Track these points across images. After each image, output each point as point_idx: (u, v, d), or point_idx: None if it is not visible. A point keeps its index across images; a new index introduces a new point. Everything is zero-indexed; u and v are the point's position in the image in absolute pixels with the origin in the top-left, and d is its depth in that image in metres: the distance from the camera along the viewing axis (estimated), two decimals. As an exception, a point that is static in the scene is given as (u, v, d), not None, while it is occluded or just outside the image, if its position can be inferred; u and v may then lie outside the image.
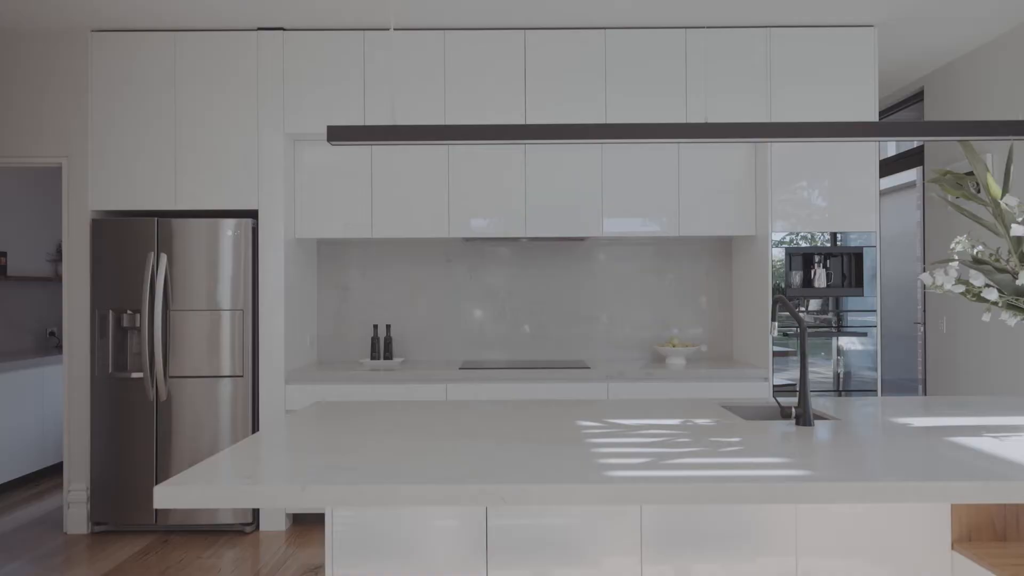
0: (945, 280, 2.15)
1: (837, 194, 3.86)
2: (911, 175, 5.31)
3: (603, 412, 2.39)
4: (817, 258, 3.90)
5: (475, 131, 2.11)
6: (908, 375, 5.58)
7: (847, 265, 3.92)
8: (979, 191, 2.32)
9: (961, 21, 3.83)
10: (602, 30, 3.87)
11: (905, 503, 1.84)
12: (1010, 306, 2.10)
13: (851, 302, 3.94)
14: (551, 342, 4.44)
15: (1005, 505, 1.85)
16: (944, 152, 4.51)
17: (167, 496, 1.50)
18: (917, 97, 4.86)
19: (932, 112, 4.66)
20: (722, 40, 3.87)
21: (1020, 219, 2.06)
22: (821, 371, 3.92)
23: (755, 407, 2.54)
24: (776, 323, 2.44)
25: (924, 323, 4.83)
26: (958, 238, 2.24)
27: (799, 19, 3.79)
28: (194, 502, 1.50)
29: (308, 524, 3.94)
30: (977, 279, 2.10)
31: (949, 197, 3.33)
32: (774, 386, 3.77)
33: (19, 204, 5.43)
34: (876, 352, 3.90)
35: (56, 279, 5.71)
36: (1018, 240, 2.07)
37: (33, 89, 3.89)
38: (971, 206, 3.41)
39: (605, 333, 4.45)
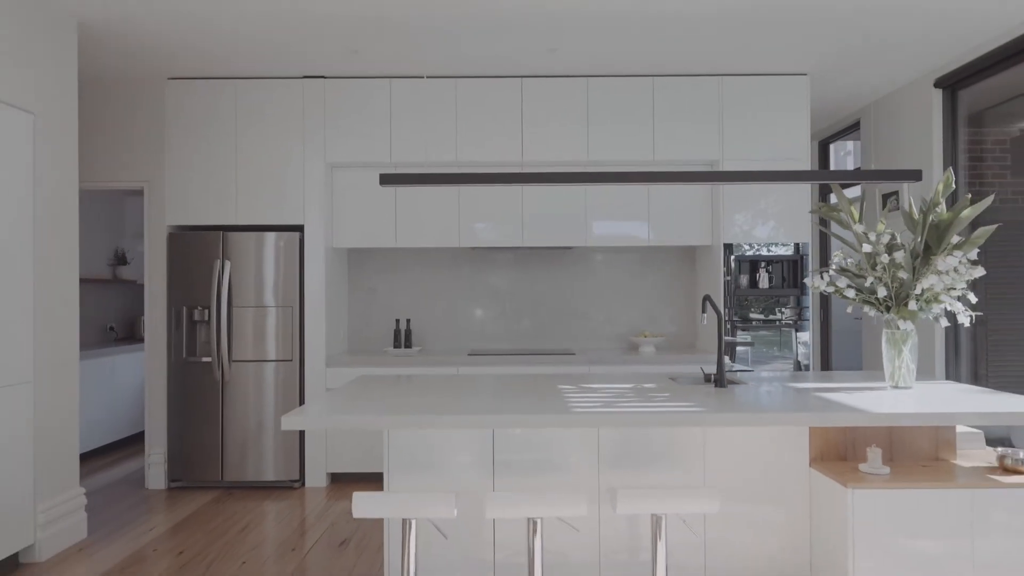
0: (820, 283, 3.01)
1: (777, 211, 4.71)
2: (856, 191, 6.15)
3: (578, 381, 3.24)
4: (762, 264, 4.76)
5: (485, 177, 2.96)
6: (856, 363, 6.42)
7: (786, 270, 4.77)
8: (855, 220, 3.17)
9: (873, 73, 4.69)
10: (585, 77, 4.73)
11: (778, 432, 2.69)
12: (864, 301, 2.95)
13: (805, 300, 4.78)
14: (545, 334, 5.30)
15: (844, 434, 2.71)
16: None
17: (291, 422, 2.34)
18: (856, 125, 5.72)
19: (867, 138, 5.51)
20: (682, 85, 4.72)
21: (870, 240, 2.91)
22: (784, 355, 4.78)
23: (692, 377, 3.39)
24: (706, 315, 3.27)
25: (862, 317, 5.68)
26: (835, 252, 3.11)
27: (746, 69, 4.65)
28: (310, 425, 2.34)
29: (343, 482, 4.79)
30: (841, 282, 2.96)
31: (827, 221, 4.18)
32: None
33: (83, 217, 6.28)
34: (809, 341, 4.76)
35: (114, 281, 6.58)
36: (868, 255, 2.92)
37: (120, 126, 4.75)
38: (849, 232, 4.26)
39: (590, 326, 5.31)
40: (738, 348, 4.77)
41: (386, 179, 2.89)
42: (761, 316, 4.80)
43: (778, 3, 3.58)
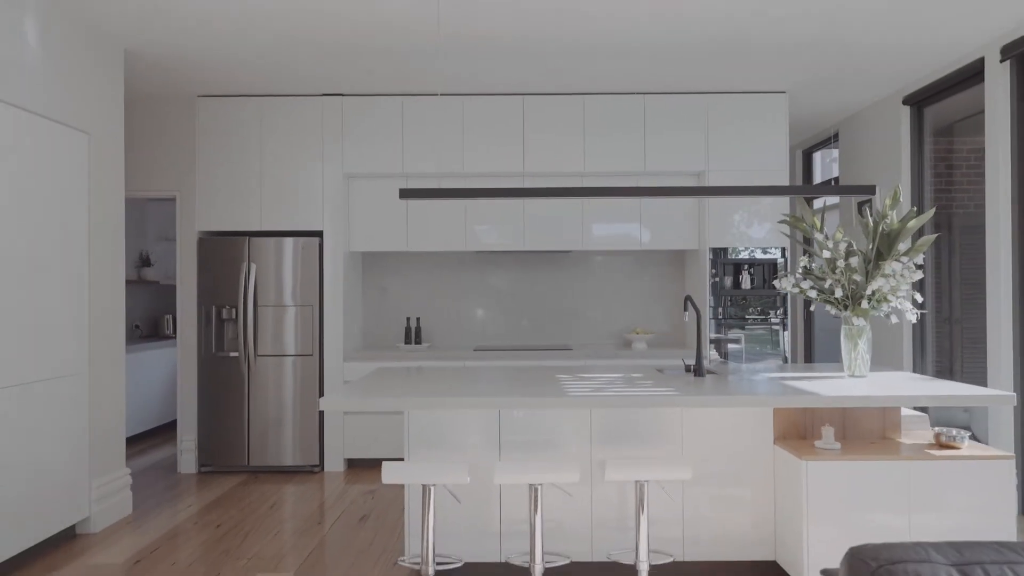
0: (787, 284, 3.41)
1: (759, 218, 5.11)
2: (834, 199, 6.55)
3: (573, 371, 3.65)
4: (745, 266, 5.17)
5: (493, 191, 3.37)
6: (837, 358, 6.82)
7: (767, 272, 5.18)
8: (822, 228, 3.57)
9: (846, 91, 5.10)
10: (581, 95, 5.14)
11: (747, 413, 3.10)
12: (825, 301, 3.36)
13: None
14: (544, 331, 5.71)
15: (803, 415, 3.11)
16: (859, 181, 5.77)
17: (329, 403, 2.75)
18: (836, 137, 6.13)
19: (845, 149, 5.92)
20: (671, 102, 5.12)
21: (828, 247, 3.31)
22: (775, 352, 5.19)
23: (676, 367, 3.80)
24: (688, 313, 3.67)
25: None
26: (802, 257, 3.52)
27: (729, 88, 5.05)
28: (348, 406, 2.75)
29: (359, 467, 5.20)
30: (805, 283, 3.36)
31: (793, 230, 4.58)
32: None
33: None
34: (783, 335, 5.17)
35: (139, 281, 6.98)
36: (828, 260, 3.32)
37: (153, 139, 5.16)
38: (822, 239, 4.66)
39: (586, 324, 5.72)
40: (730, 345, 5.18)
41: (405, 193, 3.30)
42: (758, 316, 5.19)
43: (757, 35, 3.98)
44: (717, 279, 5.14)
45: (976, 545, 1.36)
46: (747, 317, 5.21)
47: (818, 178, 6.93)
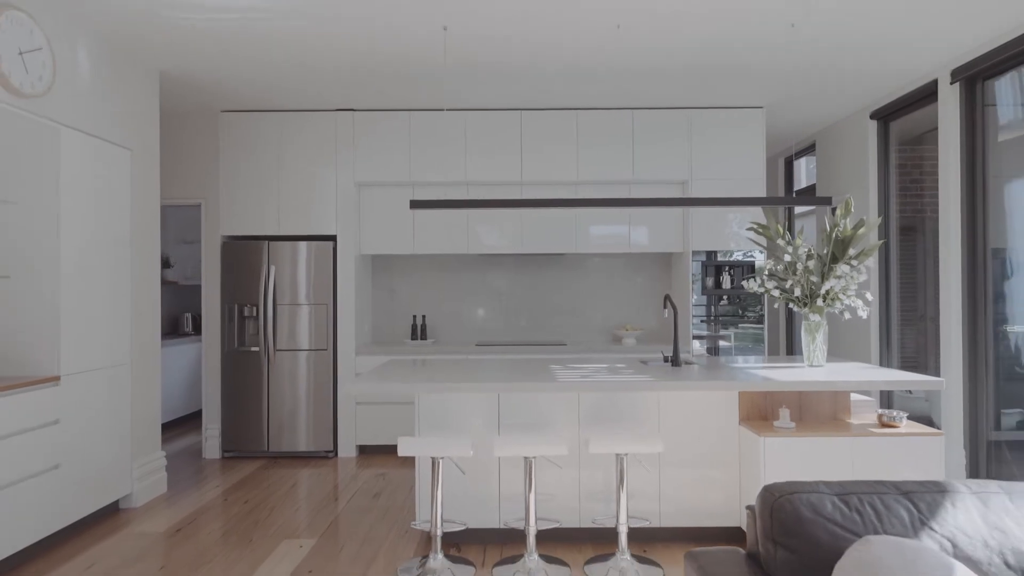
0: (753, 285, 3.85)
1: (737, 224, 5.55)
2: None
3: (566, 363, 4.09)
4: (725, 268, 5.60)
5: (494, 202, 3.80)
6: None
7: (747, 273, 5.61)
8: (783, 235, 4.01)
9: (819, 107, 5.54)
10: (575, 110, 5.58)
11: (716, 397, 3.53)
12: (787, 299, 3.80)
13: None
14: (540, 328, 6.15)
15: (764, 399, 3.55)
16: (833, 190, 6.21)
17: (353, 389, 3.18)
18: (813, 146, 6.56)
19: (820, 158, 6.35)
20: (657, 116, 5.56)
21: (789, 252, 3.75)
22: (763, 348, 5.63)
23: (657, 359, 4.23)
24: (667, 310, 4.10)
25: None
26: (768, 260, 3.95)
27: (711, 103, 5.48)
28: (368, 390, 3.18)
29: (369, 453, 5.64)
30: (770, 284, 3.80)
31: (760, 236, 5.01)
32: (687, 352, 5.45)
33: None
34: (763, 332, 5.60)
35: (160, 283, 7.41)
36: (788, 263, 3.76)
37: (180, 151, 5.60)
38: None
39: (580, 322, 6.15)
40: (721, 343, 5.62)
41: (415, 204, 3.74)
42: (743, 314, 5.62)
43: (734, 59, 4.41)
44: (700, 280, 5.58)
45: (858, 483, 1.80)
46: (739, 315, 5.64)
47: (800, 184, 7.36)
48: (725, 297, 5.65)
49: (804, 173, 7.57)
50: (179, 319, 7.69)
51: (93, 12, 3.66)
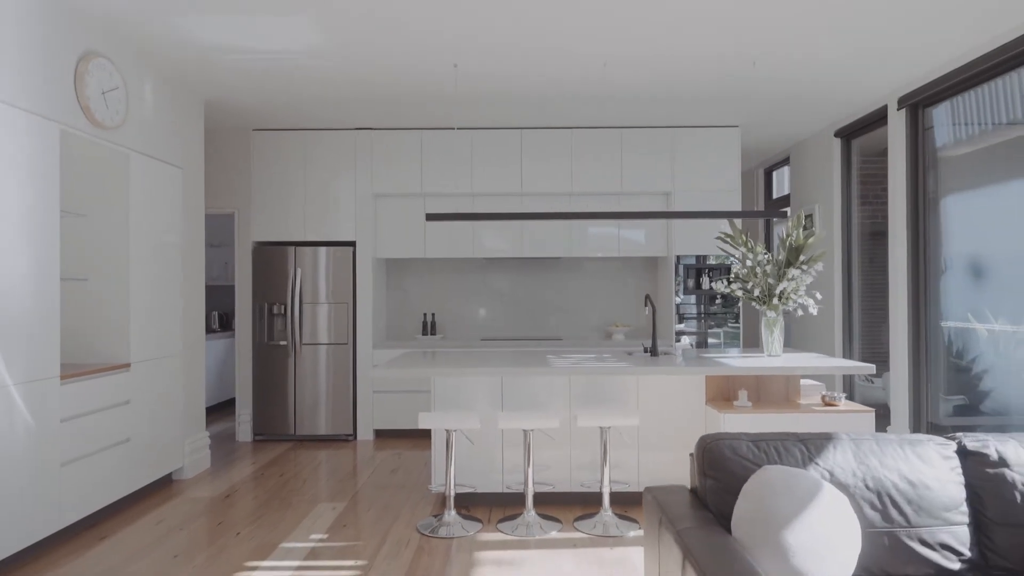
0: (720, 286, 4.48)
1: (713, 232, 6.17)
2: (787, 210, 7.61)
3: (559, 353, 4.73)
4: (704, 271, 6.24)
5: (499, 215, 4.44)
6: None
7: (724, 275, 6.24)
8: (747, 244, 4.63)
9: (788, 125, 6.17)
10: (569, 129, 6.21)
11: (686, 381, 4.16)
12: (749, 299, 4.43)
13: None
14: (539, 325, 6.79)
15: (727, 383, 4.18)
16: (805, 198, 6.84)
17: (379, 374, 3.82)
18: (788, 159, 7.19)
19: (793, 170, 6.98)
20: (643, 134, 6.19)
21: (751, 257, 4.37)
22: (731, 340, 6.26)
23: (640, 351, 4.86)
24: (648, 307, 4.73)
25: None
26: (736, 264, 4.59)
27: (692, 123, 6.11)
28: (394, 375, 3.81)
29: (386, 437, 6.28)
30: (734, 285, 4.43)
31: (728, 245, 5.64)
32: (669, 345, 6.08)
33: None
34: (740, 329, 6.24)
35: (189, 282, 8.04)
36: (750, 268, 4.39)
37: (216, 165, 6.24)
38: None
39: (575, 319, 6.79)
40: (709, 338, 6.25)
41: (431, 217, 4.37)
42: (723, 312, 6.26)
43: (706, 90, 5.04)
44: (683, 282, 6.21)
45: (769, 434, 2.43)
46: (728, 313, 6.27)
47: (778, 193, 7.99)
48: (719, 297, 6.28)
49: (782, 182, 8.19)
50: (208, 317, 8.32)
51: (157, 53, 4.30)
